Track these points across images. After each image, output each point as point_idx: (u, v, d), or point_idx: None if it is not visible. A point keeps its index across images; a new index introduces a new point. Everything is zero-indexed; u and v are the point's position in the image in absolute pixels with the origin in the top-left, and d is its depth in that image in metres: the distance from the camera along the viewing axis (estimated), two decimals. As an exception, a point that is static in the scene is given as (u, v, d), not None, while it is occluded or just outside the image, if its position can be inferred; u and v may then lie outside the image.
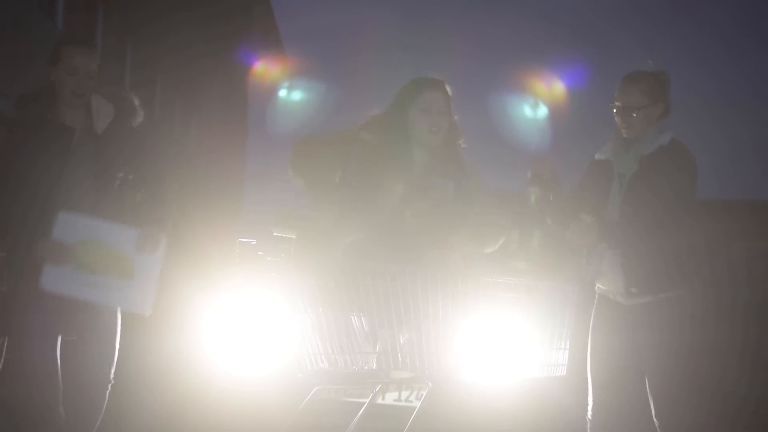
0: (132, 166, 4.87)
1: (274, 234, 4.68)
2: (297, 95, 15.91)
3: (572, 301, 4.71)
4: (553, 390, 5.12)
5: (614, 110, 4.95)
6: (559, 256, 5.08)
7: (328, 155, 4.86)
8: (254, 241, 4.73)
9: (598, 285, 4.93)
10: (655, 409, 4.79)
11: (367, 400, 4.44)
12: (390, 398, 4.58)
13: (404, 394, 4.57)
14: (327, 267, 4.41)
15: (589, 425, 4.90)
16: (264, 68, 15.85)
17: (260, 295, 4.49)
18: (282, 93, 15.84)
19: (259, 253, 4.50)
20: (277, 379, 4.53)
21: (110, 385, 4.82)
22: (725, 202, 19.26)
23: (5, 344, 4.90)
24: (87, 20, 11.00)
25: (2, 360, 4.90)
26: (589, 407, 4.89)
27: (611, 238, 4.81)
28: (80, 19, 10.77)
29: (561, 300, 4.69)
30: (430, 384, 4.42)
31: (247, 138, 19.00)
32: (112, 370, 4.82)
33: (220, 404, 6.24)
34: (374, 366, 4.47)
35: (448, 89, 4.90)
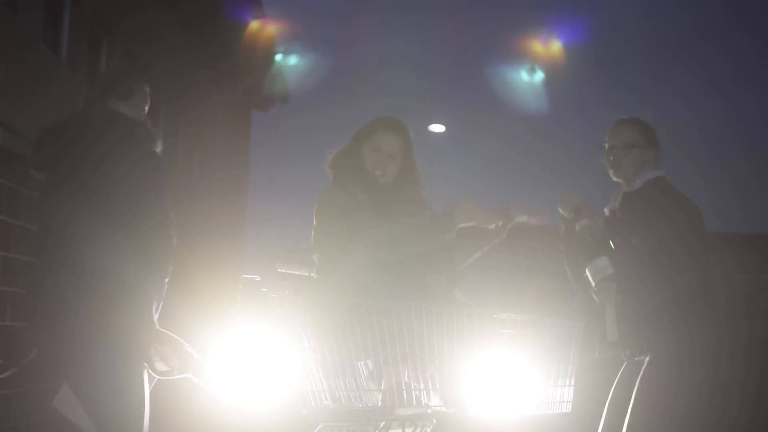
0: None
1: (278, 270, 4.67)
2: (292, 60, 15.92)
3: (577, 337, 4.70)
4: (557, 427, 5.10)
5: (605, 151, 4.92)
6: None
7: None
8: (258, 278, 4.72)
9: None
10: None
11: (371, 438, 4.42)
12: (394, 435, 4.56)
13: (408, 431, 4.55)
14: (331, 304, 4.41)
15: None
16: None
17: (264, 332, 4.48)
18: (277, 59, 15.83)
19: (264, 289, 4.50)
20: (281, 416, 4.53)
21: None
22: (726, 235, 19.25)
23: None
24: (91, 53, 11.06)
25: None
26: None
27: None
28: (84, 52, 10.82)
29: (566, 336, 4.68)
30: (435, 421, 4.40)
31: (249, 172, 19.03)
32: None
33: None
34: (379, 403, 4.46)
35: (407, 130, 4.87)
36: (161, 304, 4.69)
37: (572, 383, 4.69)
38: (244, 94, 15.74)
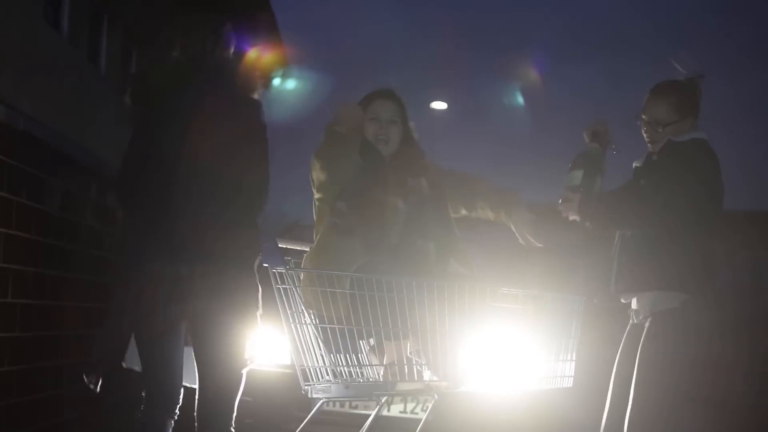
0: None
1: (279, 245, 4.66)
2: (291, 83, 15.91)
3: (579, 311, 4.69)
4: (559, 402, 5.09)
5: (640, 123, 4.76)
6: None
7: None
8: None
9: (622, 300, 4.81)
10: (631, 414, 4.61)
11: (373, 413, 4.41)
12: (396, 410, 4.56)
13: (410, 406, 4.55)
14: (332, 279, 4.39)
15: None
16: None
17: (265, 307, 4.46)
18: (276, 81, 15.82)
19: (264, 264, 4.48)
20: (283, 392, 4.51)
21: None
22: (729, 213, 19.19)
23: None
24: (92, 31, 11.03)
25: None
26: (603, 421, 4.79)
27: (588, 212, 4.69)
28: (85, 29, 10.79)
29: (568, 311, 4.66)
30: (436, 396, 4.39)
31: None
32: None
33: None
34: (380, 378, 4.45)
35: (401, 98, 4.89)
36: None
37: (574, 358, 4.69)
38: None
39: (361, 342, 4.45)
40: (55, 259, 6.81)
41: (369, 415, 4.43)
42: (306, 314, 4.40)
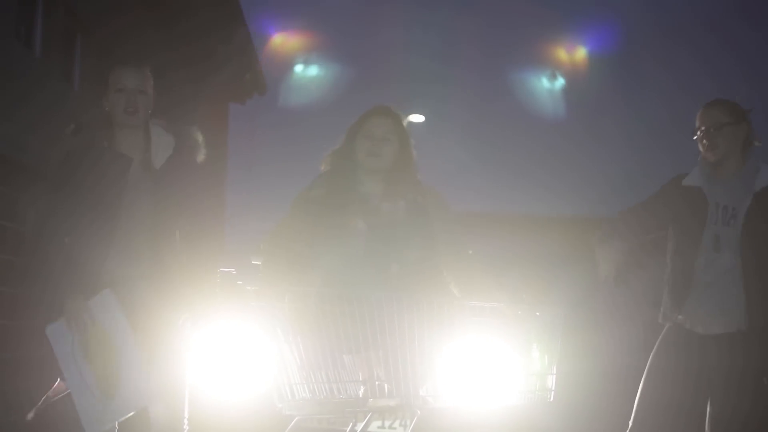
0: (187, 209, 4.76)
1: (253, 262, 4.60)
2: (312, 71, 15.92)
3: (560, 324, 4.62)
4: (540, 416, 5.03)
5: (697, 137, 4.95)
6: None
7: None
8: (234, 271, 4.65)
9: (679, 316, 4.90)
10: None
11: (348, 429, 4.34)
12: (374, 426, 4.48)
13: (387, 422, 4.47)
14: (307, 294, 4.33)
15: None
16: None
17: (240, 325, 4.40)
18: (297, 69, 15.88)
19: (239, 282, 4.42)
20: (257, 410, 4.44)
21: None
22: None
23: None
24: (65, 49, 10.98)
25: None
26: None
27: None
28: (58, 48, 10.73)
29: (549, 324, 4.60)
30: (418, 412, 4.32)
31: (228, 165, 18.92)
32: None
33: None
34: (358, 394, 4.37)
35: (398, 115, 4.86)
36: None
37: (555, 371, 4.62)
38: (221, 88, 15.63)
39: (339, 357, 4.38)
40: None
41: (346, 432, 4.36)
42: (281, 330, 4.32)
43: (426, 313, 4.30)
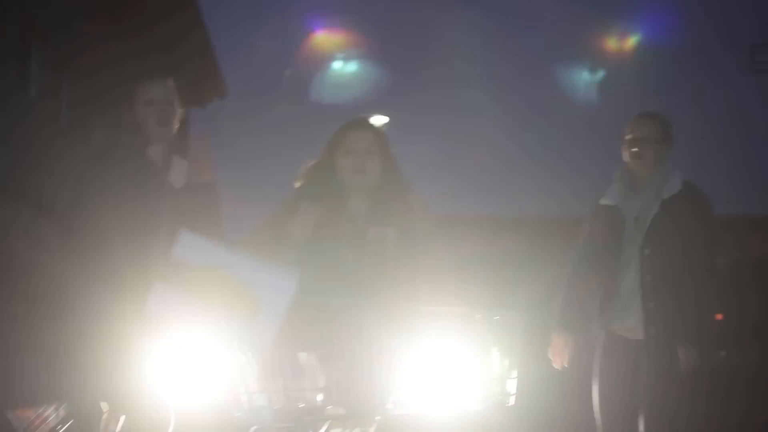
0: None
1: None
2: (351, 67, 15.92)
3: (518, 328, 4.60)
4: (501, 420, 5.00)
5: (626, 143, 5.08)
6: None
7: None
8: None
9: (608, 325, 5.12)
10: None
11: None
12: (335, 434, 4.45)
13: (347, 431, 4.44)
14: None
15: None
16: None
17: (197, 332, 4.33)
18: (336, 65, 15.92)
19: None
20: (213, 419, 4.36)
21: None
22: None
23: None
24: (20, 60, 10.90)
25: None
26: None
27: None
28: (15, 57, 10.65)
29: (508, 327, 4.57)
30: (378, 418, 4.27)
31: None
32: None
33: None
34: (317, 402, 4.32)
35: (381, 127, 4.71)
36: None
37: (515, 375, 4.59)
38: (180, 92, 15.51)
39: (296, 365, 4.32)
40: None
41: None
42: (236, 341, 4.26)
43: (386, 319, 4.25)
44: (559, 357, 5.14)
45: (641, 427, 4.96)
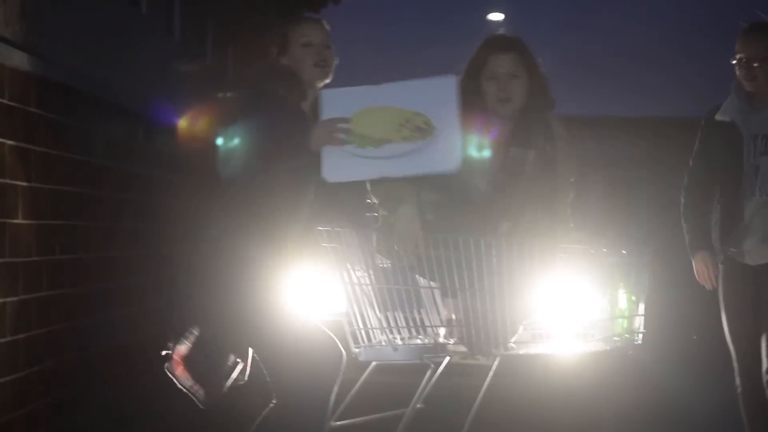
0: None
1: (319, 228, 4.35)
2: None
3: (646, 263, 4.42)
4: (631, 358, 4.86)
5: (735, 63, 4.82)
6: None
7: None
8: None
9: (727, 249, 4.88)
10: None
11: (425, 377, 4.28)
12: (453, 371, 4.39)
13: (467, 367, 4.37)
14: (387, 237, 4.20)
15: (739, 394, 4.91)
16: None
17: (318, 269, 4.30)
18: None
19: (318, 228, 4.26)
20: (331, 356, 4.32)
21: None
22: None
23: None
24: (168, 6, 11.17)
25: None
26: (736, 375, 4.88)
27: None
28: (163, 4, 10.91)
29: (635, 263, 4.40)
30: (498, 358, 4.17)
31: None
32: None
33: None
34: (437, 339, 4.25)
35: (525, 46, 4.38)
36: None
37: (643, 312, 4.43)
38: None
39: (419, 301, 4.25)
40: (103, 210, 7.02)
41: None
42: (354, 273, 4.21)
43: (515, 256, 4.12)
44: (705, 279, 4.93)
45: None
